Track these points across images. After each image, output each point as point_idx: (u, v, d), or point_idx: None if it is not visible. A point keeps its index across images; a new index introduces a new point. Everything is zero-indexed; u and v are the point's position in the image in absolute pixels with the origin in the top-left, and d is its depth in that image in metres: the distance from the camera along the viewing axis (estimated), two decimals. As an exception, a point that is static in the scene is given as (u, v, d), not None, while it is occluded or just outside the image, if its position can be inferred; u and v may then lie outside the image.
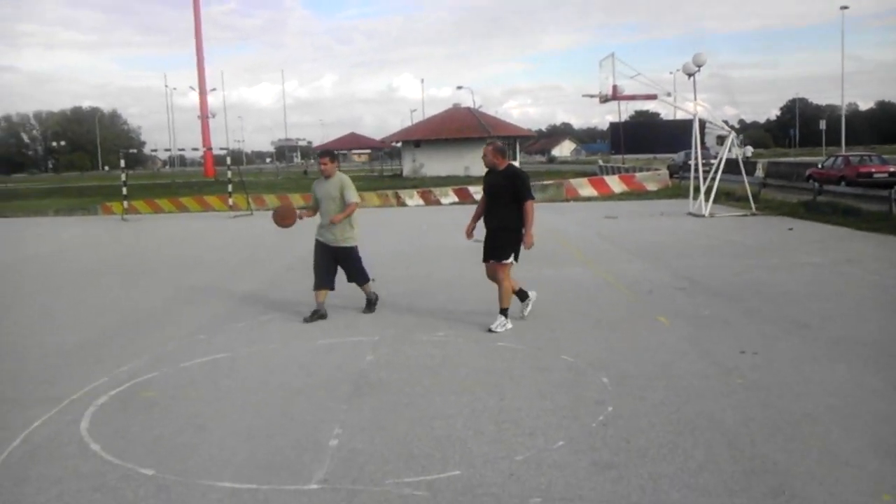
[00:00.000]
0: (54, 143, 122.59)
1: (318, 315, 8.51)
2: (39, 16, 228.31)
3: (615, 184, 30.29)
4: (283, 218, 9.30)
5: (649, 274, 10.94)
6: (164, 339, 7.87)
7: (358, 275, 8.85)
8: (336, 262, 8.77)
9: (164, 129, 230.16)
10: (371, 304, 8.90)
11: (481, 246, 8.20)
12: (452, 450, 4.59)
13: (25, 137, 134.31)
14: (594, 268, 11.82)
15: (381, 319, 8.46)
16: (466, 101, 64.51)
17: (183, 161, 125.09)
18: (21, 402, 5.82)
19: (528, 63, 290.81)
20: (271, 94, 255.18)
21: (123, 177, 28.08)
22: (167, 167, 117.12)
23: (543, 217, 21.48)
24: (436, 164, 49.12)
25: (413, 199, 29.81)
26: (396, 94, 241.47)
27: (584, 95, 23.37)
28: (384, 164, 74.91)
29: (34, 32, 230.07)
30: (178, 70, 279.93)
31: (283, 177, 63.35)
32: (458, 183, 35.01)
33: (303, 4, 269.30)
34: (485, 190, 8.34)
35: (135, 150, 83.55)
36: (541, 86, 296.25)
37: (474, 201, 29.26)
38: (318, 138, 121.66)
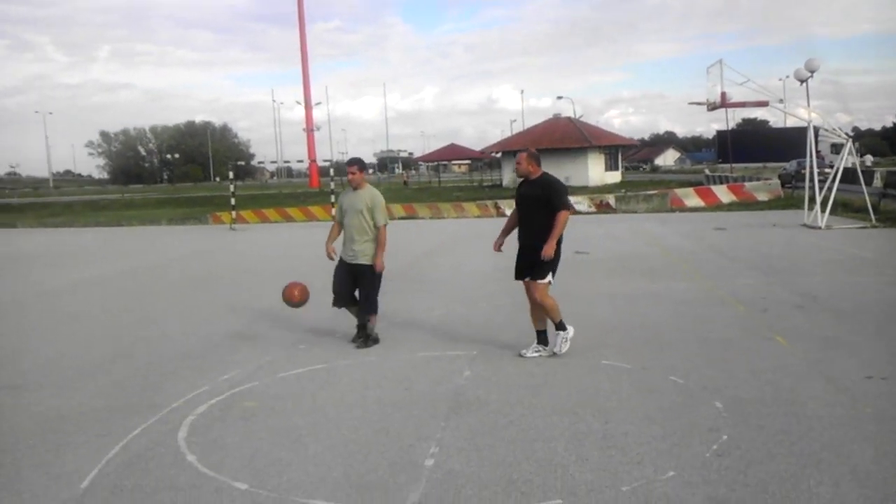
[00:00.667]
0: (169, 156, 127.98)
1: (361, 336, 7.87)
2: (154, 36, 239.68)
3: (723, 193, 29.25)
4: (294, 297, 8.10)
5: (763, 289, 10.35)
6: (266, 348, 7.89)
7: (369, 300, 7.98)
8: (354, 280, 8.02)
9: (272, 142, 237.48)
10: (366, 339, 7.87)
11: (588, 258, 7.86)
12: (554, 476, 4.33)
13: (142, 150, 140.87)
14: (703, 282, 11.30)
15: (480, 333, 8.27)
16: (567, 111, 63.72)
17: (289, 172, 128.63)
18: (125, 409, 5.88)
19: (628, 72, 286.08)
20: (374, 107, 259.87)
21: (232, 188, 28.91)
22: (274, 178, 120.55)
23: (647, 227, 20.93)
24: (536, 174, 48.71)
25: (513, 208, 29.58)
26: (496, 105, 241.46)
27: (690, 103, 22.54)
28: (483, 174, 74.90)
29: (149, 51, 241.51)
30: (285, 85, 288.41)
31: (385, 187, 64.09)
32: (559, 194, 34.52)
33: (404, 20, 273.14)
34: (517, 202, 7.67)
35: (244, 162, 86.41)
36: (643, 94, 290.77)
37: (575, 211, 28.81)
38: (419, 149, 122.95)
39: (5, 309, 11.10)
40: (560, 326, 7.19)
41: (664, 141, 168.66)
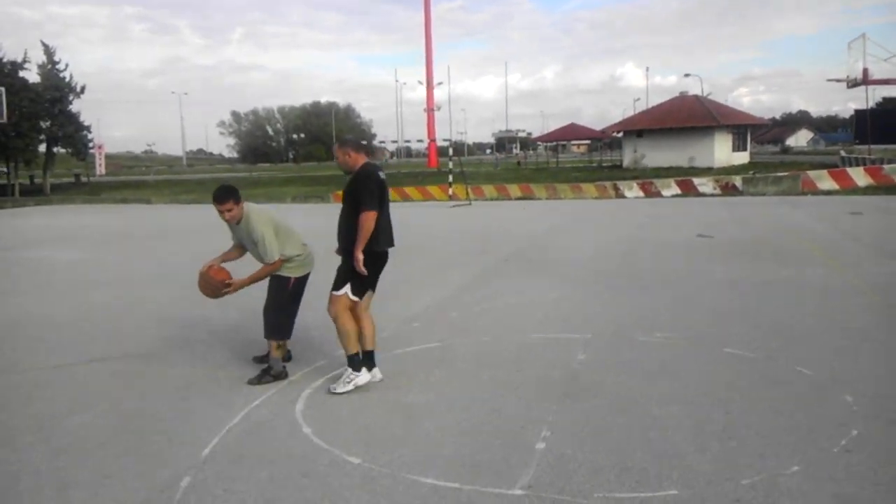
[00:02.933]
0: (295, 136, 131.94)
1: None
2: (285, 18, 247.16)
3: (859, 176, 27.62)
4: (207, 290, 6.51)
5: (903, 278, 9.71)
6: (381, 325, 7.95)
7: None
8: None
9: (393, 122, 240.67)
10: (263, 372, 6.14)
11: (711, 241, 7.54)
12: (670, 466, 4.18)
13: (270, 130, 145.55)
14: (837, 269, 10.70)
15: (595, 317, 8.10)
16: (694, 89, 61.77)
17: (408, 152, 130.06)
18: (244, 380, 6.07)
19: (760, 50, 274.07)
20: (494, 86, 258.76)
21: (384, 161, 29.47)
22: (394, 158, 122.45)
23: (776, 211, 20.03)
24: (658, 154, 47.35)
25: (632, 190, 28.91)
26: (619, 83, 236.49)
27: (828, 80, 21.52)
28: (603, 154, 73.58)
29: (280, 33, 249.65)
30: (407, 66, 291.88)
31: (502, 167, 63.93)
32: (682, 174, 33.52)
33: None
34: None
35: (366, 142, 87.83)
36: (775, 72, 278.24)
37: (699, 194, 27.94)
38: (538, 130, 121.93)
39: (145, 280, 11.70)
40: (351, 362, 5.74)
41: (796, 121, 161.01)
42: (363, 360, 5.85)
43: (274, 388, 5.82)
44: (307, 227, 8.06)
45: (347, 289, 5.73)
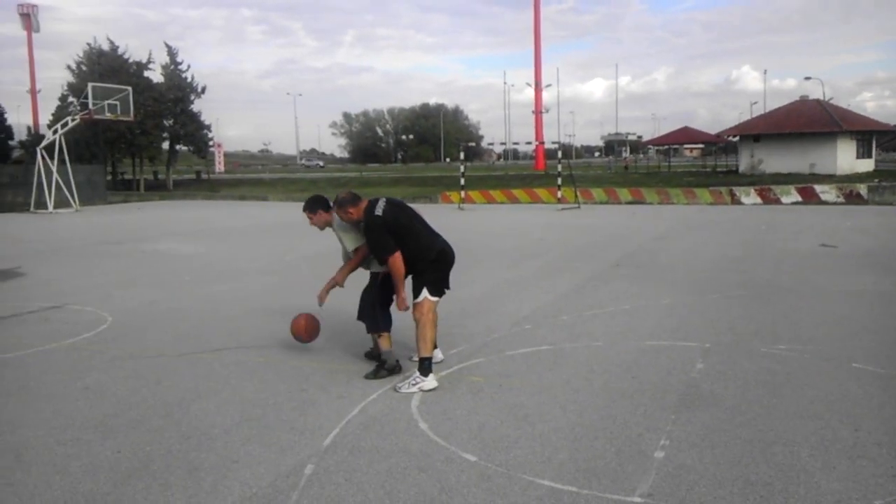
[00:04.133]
0: (403, 137, 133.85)
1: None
2: (396, 20, 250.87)
3: None
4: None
5: None
6: (492, 326, 8.02)
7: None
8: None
9: (501, 124, 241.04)
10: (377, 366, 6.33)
11: (835, 251, 7.23)
12: (796, 482, 4.03)
13: (379, 131, 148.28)
14: (974, 284, 10.04)
15: (713, 324, 7.89)
16: (814, 92, 59.32)
17: (516, 154, 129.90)
18: (361, 374, 6.20)
19: (884, 51, 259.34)
20: (603, 88, 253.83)
21: (462, 168, 29.68)
22: (501, 160, 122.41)
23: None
24: (776, 160, 45.62)
25: (749, 196, 27.99)
26: (734, 86, 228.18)
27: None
28: (717, 159, 71.49)
29: (391, 36, 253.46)
30: (515, 68, 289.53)
31: (614, 170, 62.99)
32: (802, 181, 32.20)
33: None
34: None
35: (473, 144, 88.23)
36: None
37: (820, 201, 26.81)
38: (648, 133, 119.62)
39: (263, 274, 12.11)
40: (422, 365, 5.91)
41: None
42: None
43: (389, 382, 5.92)
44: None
45: (426, 292, 6.02)
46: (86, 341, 7.57)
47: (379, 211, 6.01)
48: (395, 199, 6.37)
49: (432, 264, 6.07)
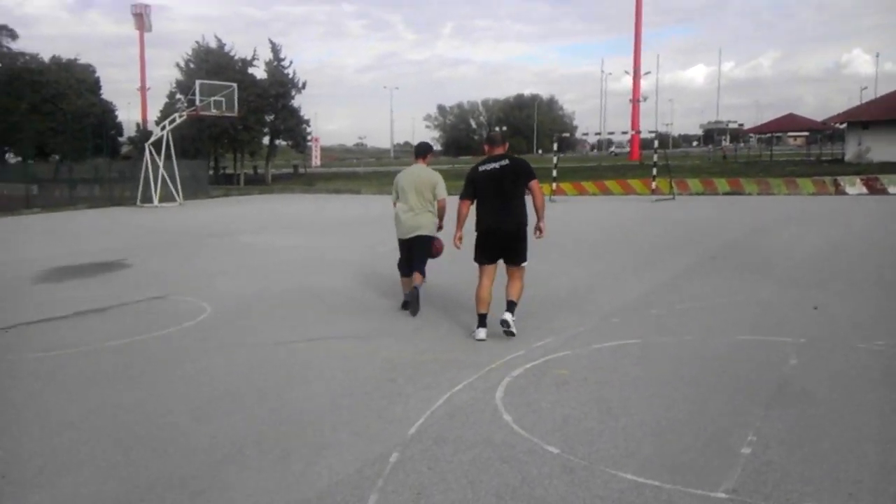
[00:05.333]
0: (497, 128, 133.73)
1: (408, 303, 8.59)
2: (494, 11, 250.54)
3: None
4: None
5: None
6: (580, 319, 7.99)
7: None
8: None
9: (596, 114, 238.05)
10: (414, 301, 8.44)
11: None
12: (886, 482, 3.90)
13: (473, 123, 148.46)
14: None
15: (810, 320, 7.65)
16: (931, 76, 56.30)
17: (610, 144, 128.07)
18: (450, 364, 6.31)
19: None
20: (704, 75, 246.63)
21: (555, 160, 29.51)
22: (595, 151, 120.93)
23: None
24: (886, 148, 43.46)
25: (855, 186, 26.82)
26: (844, 71, 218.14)
27: None
28: (822, 147, 68.72)
29: (488, 27, 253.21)
30: (613, 55, 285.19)
31: (711, 160, 61.34)
32: (913, 170, 30.63)
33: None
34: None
35: (567, 134, 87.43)
36: None
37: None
38: (751, 120, 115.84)
39: (357, 266, 12.38)
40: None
41: None
42: (483, 321, 7.25)
43: (476, 374, 5.99)
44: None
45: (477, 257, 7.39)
46: (186, 330, 7.93)
47: (483, 168, 7.32)
48: (486, 166, 7.31)
49: (480, 235, 7.27)
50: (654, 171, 28.55)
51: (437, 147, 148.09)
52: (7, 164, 49.23)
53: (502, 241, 7.21)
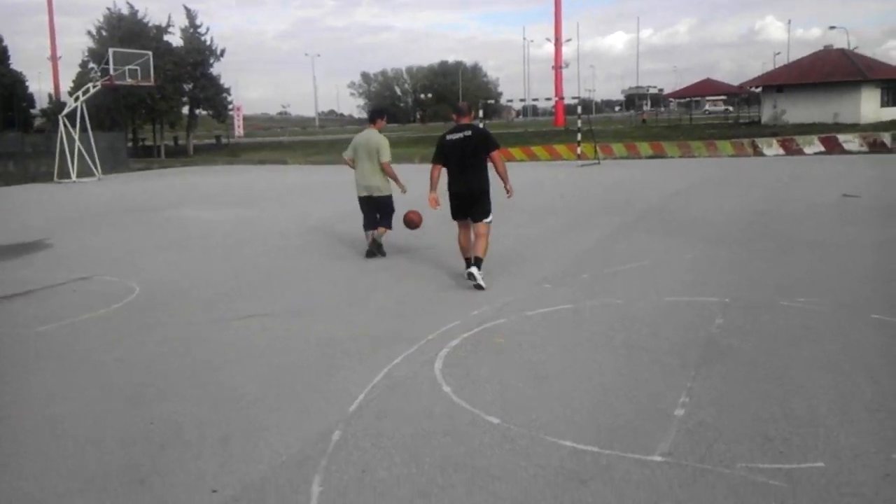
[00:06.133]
0: (422, 96, 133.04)
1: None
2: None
3: None
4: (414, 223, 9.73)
5: None
6: (512, 285, 8.09)
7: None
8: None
9: (520, 81, 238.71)
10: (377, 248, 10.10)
11: (858, 202, 7.22)
12: (815, 437, 4.09)
13: (398, 90, 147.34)
14: None
15: (733, 280, 7.91)
16: (839, 42, 58.08)
17: (535, 111, 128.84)
18: (386, 338, 6.32)
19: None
20: (624, 42, 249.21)
21: (481, 126, 29.51)
22: (520, 117, 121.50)
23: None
24: (800, 111, 44.97)
25: (772, 148, 27.70)
26: (758, 37, 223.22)
27: None
28: (740, 111, 70.56)
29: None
30: (535, 23, 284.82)
31: (633, 125, 62.38)
32: (826, 132, 31.75)
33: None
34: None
35: (492, 101, 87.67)
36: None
37: (844, 151, 26.48)
38: (670, 85, 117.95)
39: (285, 238, 12.23)
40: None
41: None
42: (469, 263, 8.16)
43: (413, 346, 6.02)
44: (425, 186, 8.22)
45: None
46: (115, 312, 7.74)
47: (450, 137, 8.32)
48: (453, 136, 8.29)
49: (451, 196, 8.40)
50: (579, 136, 28.89)
51: (362, 115, 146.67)
52: None
53: (466, 201, 8.26)
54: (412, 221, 9.58)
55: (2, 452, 4.36)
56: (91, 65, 46.57)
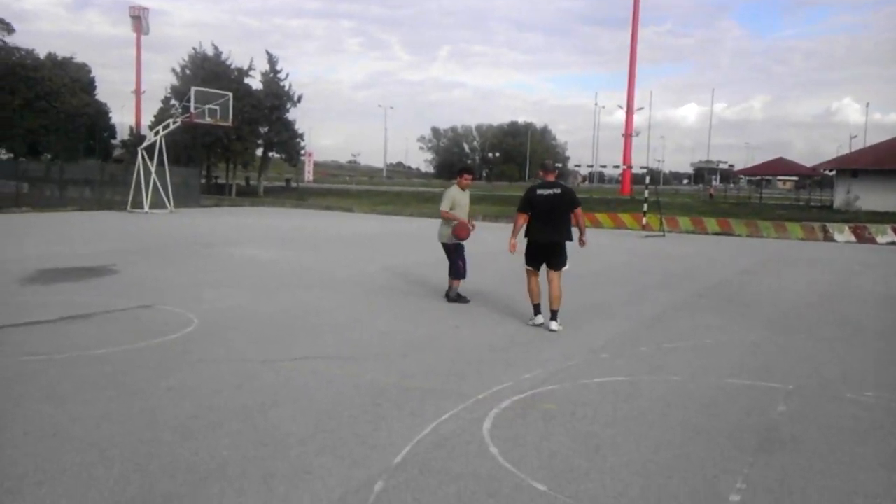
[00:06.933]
0: (490, 154, 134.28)
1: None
2: (491, 38, 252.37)
3: None
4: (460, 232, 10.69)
5: None
6: (569, 352, 7.97)
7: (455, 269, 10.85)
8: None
9: (588, 146, 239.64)
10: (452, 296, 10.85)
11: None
12: (879, 539, 3.88)
13: (466, 147, 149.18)
14: None
15: (795, 366, 7.65)
16: (920, 128, 57.10)
17: (601, 177, 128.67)
18: (436, 392, 6.26)
19: None
20: (696, 114, 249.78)
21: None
22: (586, 182, 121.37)
23: None
24: (874, 197, 43.97)
25: (843, 234, 27.01)
26: (834, 118, 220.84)
27: None
28: (811, 193, 69.35)
29: (484, 53, 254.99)
30: (607, 89, 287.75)
31: (701, 199, 61.72)
32: (902, 221, 30.89)
33: (740, 24, 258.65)
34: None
35: (559, 164, 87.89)
36: None
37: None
38: (741, 161, 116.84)
39: (345, 284, 12.32)
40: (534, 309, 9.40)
41: None
42: (538, 310, 9.37)
43: (462, 404, 5.95)
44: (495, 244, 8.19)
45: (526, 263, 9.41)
46: (172, 342, 7.85)
47: (539, 192, 9.18)
48: (543, 191, 9.17)
49: (529, 244, 9.37)
50: (645, 206, 28.68)
51: (429, 169, 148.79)
52: (-2, 161, 48.95)
53: (548, 250, 9.24)
54: (458, 236, 10.67)
55: (46, 470, 4.41)
56: (173, 101, 48.38)
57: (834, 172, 50.74)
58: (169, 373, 6.63)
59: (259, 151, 54.54)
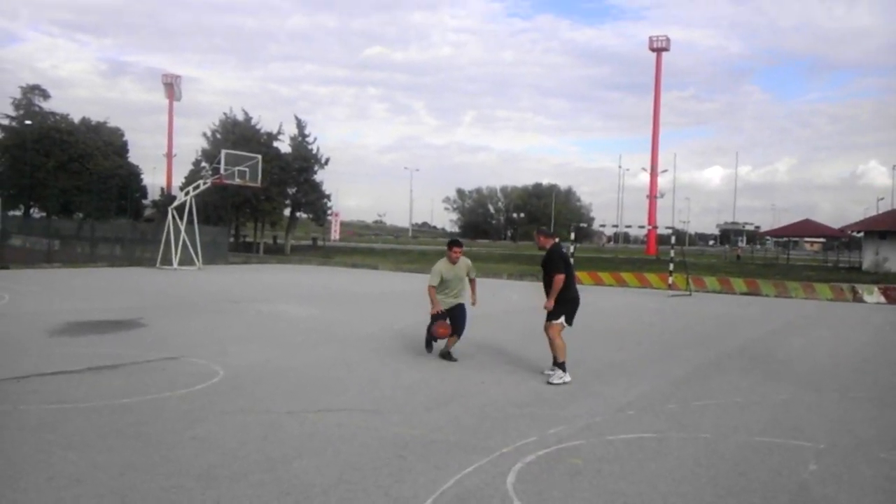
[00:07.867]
0: (514, 215, 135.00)
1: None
2: (515, 103, 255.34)
3: None
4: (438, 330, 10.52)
5: None
6: (594, 408, 7.88)
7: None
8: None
9: (613, 207, 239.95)
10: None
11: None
12: None
13: (491, 208, 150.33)
14: None
15: (827, 425, 7.50)
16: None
17: (626, 238, 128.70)
18: (460, 446, 6.21)
19: None
20: (721, 176, 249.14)
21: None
22: (611, 243, 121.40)
23: None
24: (904, 259, 43.52)
25: (873, 295, 26.63)
26: (860, 181, 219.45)
27: None
28: (839, 254, 68.69)
29: (509, 118, 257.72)
30: (632, 152, 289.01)
31: (727, 260, 61.34)
32: (933, 283, 30.43)
33: (762, 89, 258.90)
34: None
35: (584, 225, 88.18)
36: None
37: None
38: (767, 223, 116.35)
39: (371, 340, 12.33)
40: (562, 366, 9.24)
41: None
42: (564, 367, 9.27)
43: (486, 458, 5.88)
44: (529, 307, 8.16)
45: (562, 320, 9.42)
46: (198, 393, 7.87)
47: (564, 251, 9.69)
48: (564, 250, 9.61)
49: (564, 301, 9.39)
50: (672, 266, 28.54)
51: (455, 229, 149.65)
52: (31, 219, 49.96)
53: (577, 306, 9.66)
54: (438, 335, 10.58)
55: (73, 517, 4.40)
56: (203, 163, 49.36)
57: (862, 234, 50.32)
58: (193, 423, 6.64)
59: (287, 211, 55.23)
